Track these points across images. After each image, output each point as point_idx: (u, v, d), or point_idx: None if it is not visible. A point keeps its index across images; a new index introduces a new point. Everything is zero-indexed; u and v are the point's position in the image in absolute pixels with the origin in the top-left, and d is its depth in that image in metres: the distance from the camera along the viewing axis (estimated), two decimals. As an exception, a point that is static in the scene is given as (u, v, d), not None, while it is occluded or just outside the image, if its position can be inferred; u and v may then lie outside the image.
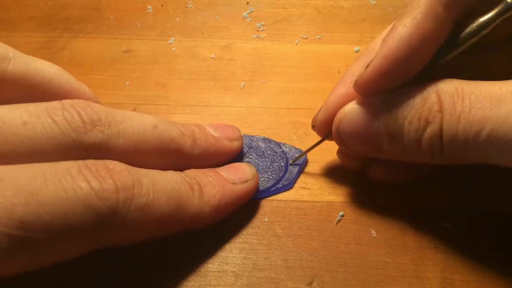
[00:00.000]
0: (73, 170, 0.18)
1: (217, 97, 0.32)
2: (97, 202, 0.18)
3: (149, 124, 0.23)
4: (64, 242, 0.18)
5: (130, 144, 0.22)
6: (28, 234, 0.17)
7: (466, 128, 0.20)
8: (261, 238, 0.25)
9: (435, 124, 0.21)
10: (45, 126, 0.19)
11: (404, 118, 0.22)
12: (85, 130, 0.20)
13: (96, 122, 0.21)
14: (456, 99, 0.20)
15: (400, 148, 0.22)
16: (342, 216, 0.26)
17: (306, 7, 0.39)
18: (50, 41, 0.36)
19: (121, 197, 0.19)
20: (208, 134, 0.26)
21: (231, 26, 0.37)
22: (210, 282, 0.23)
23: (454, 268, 0.24)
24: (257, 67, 0.34)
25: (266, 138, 0.29)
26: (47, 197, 0.17)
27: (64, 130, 0.20)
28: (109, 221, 0.19)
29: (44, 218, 0.17)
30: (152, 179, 0.21)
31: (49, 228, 0.17)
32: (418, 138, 0.21)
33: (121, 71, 0.34)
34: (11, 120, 0.19)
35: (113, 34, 0.37)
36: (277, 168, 0.28)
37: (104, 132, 0.21)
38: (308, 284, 0.23)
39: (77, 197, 0.18)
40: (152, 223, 0.21)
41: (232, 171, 0.25)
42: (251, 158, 0.28)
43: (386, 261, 0.24)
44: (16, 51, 0.22)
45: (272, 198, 0.27)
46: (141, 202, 0.20)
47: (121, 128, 0.21)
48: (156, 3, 0.39)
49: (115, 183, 0.19)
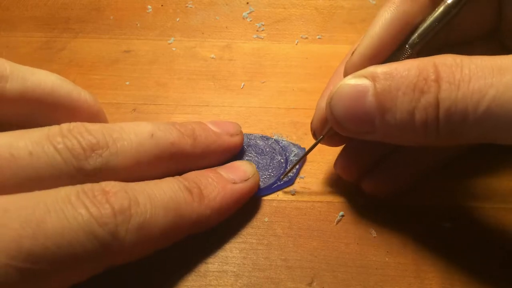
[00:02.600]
0: (72, 197, 0.19)
1: (217, 97, 0.32)
2: (97, 228, 0.19)
3: (145, 134, 0.23)
4: (69, 270, 0.19)
5: (130, 159, 0.22)
6: (36, 266, 0.17)
7: (465, 97, 0.18)
8: (261, 238, 0.25)
9: (431, 94, 0.19)
10: (48, 156, 0.20)
11: (397, 89, 0.20)
12: (85, 157, 0.21)
13: (95, 146, 0.21)
14: (455, 69, 0.19)
15: (392, 125, 0.20)
16: (342, 216, 0.26)
17: (306, 7, 0.39)
18: (50, 41, 0.36)
19: (119, 220, 0.19)
20: (209, 130, 0.26)
21: (231, 26, 0.37)
22: (210, 282, 0.23)
23: (454, 268, 0.24)
24: (257, 67, 0.34)
25: (264, 136, 0.29)
26: (52, 228, 0.18)
27: (66, 159, 0.20)
28: (109, 245, 0.19)
29: (51, 249, 0.18)
30: (149, 194, 0.21)
31: (56, 258, 0.18)
32: (412, 111, 0.19)
33: (121, 71, 0.34)
34: (18, 152, 0.20)
35: (113, 34, 0.37)
36: (277, 164, 0.28)
37: (103, 156, 0.21)
38: (308, 284, 0.23)
39: (79, 226, 0.18)
40: (153, 239, 0.21)
41: (232, 170, 0.25)
42: (250, 156, 0.28)
43: (386, 261, 0.24)
44: (13, 65, 0.22)
45: (272, 198, 0.27)
46: (139, 221, 0.20)
47: (119, 146, 0.22)
48: (156, 3, 0.39)
49: (112, 206, 0.19)
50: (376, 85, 0.20)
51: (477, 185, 0.27)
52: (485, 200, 0.26)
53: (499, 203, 0.26)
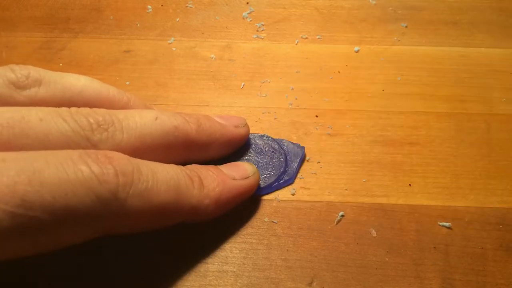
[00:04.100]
0: (74, 156, 0.19)
1: (217, 97, 0.32)
2: (97, 185, 0.19)
3: (150, 117, 0.24)
4: (65, 224, 0.18)
5: (135, 138, 0.23)
6: (30, 213, 0.17)
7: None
8: (261, 238, 0.25)
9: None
10: (57, 124, 0.21)
11: None
12: (91, 129, 0.22)
13: (101, 122, 0.22)
14: None
15: None
16: (342, 216, 0.26)
17: (306, 7, 0.39)
18: (50, 41, 0.36)
19: (121, 182, 0.19)
20: (214, 120, 0.26)
21: (231, 26, 0.37)
22: (210, 282, 0.23)
23: (454, 268, 0.24)
24: (257, 67, 0.34)
25: (263, 135, 0.29)
26: (49, 177, 0.18)
27: (74, 128, 0.21)
28: (109, 205, 0.19)
29: (46, 198, 0.18)
30: (151, 168, 0.21)
31: (51, 208, 0.18)
32: None
33: (121, 71, 0.34)
34: (29, 117, 0.21)
35: (113, 34, 0.37)
36: (277, 164, 0.28)
37: (108, 130, 0.22)
38: (308, 284, 0.23)
39: (77, 180, 0.18)
40: (152, 211, 0.21)
41: (233, 168, 0.25)
42: (250, 156, 0.28)
43: (386, 261, 0.24)
44: (44, 71, 0.24)
45: (272, 198, 0.27)
46: (141, 188, 0.20)
47: (124, 124, 0.23)
48: (156, 3, 0.39)
49: (115, 168, 0.20)
50: None
51: (477, 185, 0.27)
52: (485, 200, 0.26)
53: (499, 202, 0.26)
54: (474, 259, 0.24)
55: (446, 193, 0.27)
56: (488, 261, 0.24)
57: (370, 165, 0.28)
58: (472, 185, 0.27)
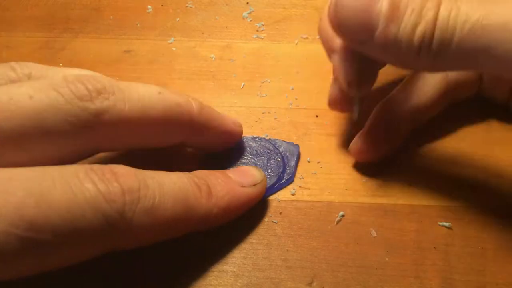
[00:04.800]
0: (80, 173, 0.19)
1: (217, 97, 0.32)
2: (104, 205, 0.18)
3: (154, 91, 0.23)
4: (72, 245, 0.18)
5: (137, 109, 0.22)
6: (38, 236, 0.17)
7: (456, 16, 0.19)
8: (261, 238, 0.25)
9: (432, 12, 0.20)
10: (51, 98, 0.20)
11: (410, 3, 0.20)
12: (90, 98, 0.20)
13: (101, 90, 0.21)
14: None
15: (392, 37, 0.20)
16: (342, 216, 0.26)
17: (306, 7, 0.39)
18: (50, 41, 0.36)
19: (128, 200, 0.19)
20: (214, 109, 0.26)
21: (231, 26, 0.37)
22: (210, 282, 0.23)
23: (454, 268, 0.24)
24: (257, 67, 0.34)
25: (255, 137, 0.29)
26: (57, 199, 0.18)
27: (70, 100, 0.20)
28: (116, 225, 0.19)
29: (54, 221, 0.17)
30: (158, 180, 0.21)
31: (58, 230, 0.18)
32: (415, 25, 0.20)
33: (121, 71, 0.34)
34: (18, 96, 0.19)
35: (113, 34, 0.37)
36: (275, 164, 0.28)
37: (109, 99, 0.21)
38: (308, 284, 0.23)
39: (85, 200, 0.18)
40: (159, 226, 0.21)
41: (241, 174, 0.25)
42: (246, 159, 0.28)
43: (386, 261, 0.24)
44: (47, 68, 0.23)
45: (272, 198, 0.27)
46: (147, 205, 0.20)
47: (127, 94, 0.22)
48: (156, 3, 0.39)
49: (121, 186, 0.19)
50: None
51: (477, 185, 0.27)
52: (485, 200, 0.26)
53: (499, 202, 0.26)
54: (474, 259, 0.24)
55: (446, 193, 0.27)
56: (488, 261, 0.24)
57: (370, 165, 0.28)
58: (473, 185, 0.27)
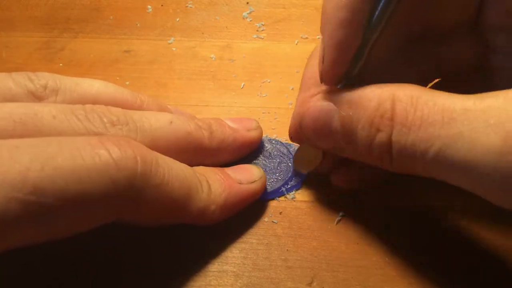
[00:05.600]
0: (93, 140, 0.19)
1: (217, 97, 0.32)
2: (114, 171, 0.18)
3: (165, 120, 0.24)
4: (77, 211, 0.18)
5: (148, 139, 0.23)
6: (41, 200, 0.17)
7: (414, 143, 0.19)
8: (261, 238, 0.25)
9: (385, 134, 0.20)
10: (70, 122, 0.21)
11: (358, 122, 0.21)
12: (105, 129, 0.21)
13: (115, 122, 0.22)
14: (409, 109, 0.19)
15: (356, 151, 0.22)
16: (342, 216, 0.26)
17: (306, 7, 0.39)
18: (50, 41, 0.36)
19: (140, 170, 0.19)
20: (225, 125, 0.26)
21: (231, 26, 0.37)
22: (210, 282, 0.23)
23: (454, 268, 0.24)
24: (257, 67, 0.34)
25: (272, 139, 0.29)
26: (63, 163, 0.18)
27: (87, 126, 0.21)
28: (124, 193, 0.19)
29: (59, 184, 0.17)
30: (167, 162, 0.21)
31: (63, 194, 0.17)
32: (369, 144, 0.21)
33: (121, 71, 0.34)
34: (42, 113, 0.21)
35: (113, 34, 0.37)
36: (285, 168, 0.28)
37: (122, 130, 0.22)
38: (308, 284, 0.23)
39: (94, 165, 0.18)
40: (164, 204, 0.21)
41: (240, 172, 0.25)
42: (258, 160, 0.28)
43: (386, 261, 0.24)
44: (58, 78, 0.24)
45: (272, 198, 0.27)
46: (157, 180, 0.20)
47: (139, 125, 0.23)
48: (156, 3, 0.39)
49: (135, 153, 0.19)
50: (340, 112, 0.21)
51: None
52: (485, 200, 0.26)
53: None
54: (474, 259, 0.24)
55: (446, 193, 0.27)
56: (488, 261, 0.24)
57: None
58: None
